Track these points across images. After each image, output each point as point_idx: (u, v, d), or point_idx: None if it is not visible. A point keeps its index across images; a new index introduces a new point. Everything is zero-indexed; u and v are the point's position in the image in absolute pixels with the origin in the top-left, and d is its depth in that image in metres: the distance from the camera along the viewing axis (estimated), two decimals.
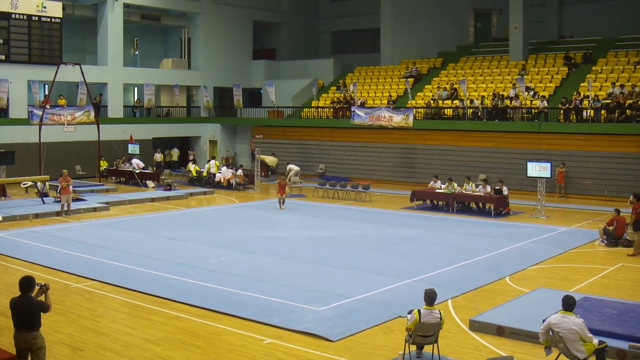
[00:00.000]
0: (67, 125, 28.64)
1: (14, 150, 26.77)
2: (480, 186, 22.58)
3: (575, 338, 7.57)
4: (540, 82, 29.95)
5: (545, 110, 27.06)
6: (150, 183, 28.80)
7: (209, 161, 30.79)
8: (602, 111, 25.58)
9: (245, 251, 15.68)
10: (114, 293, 12.16)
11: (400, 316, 10.74)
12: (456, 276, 13.40)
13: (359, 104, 32.21)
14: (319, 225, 19.38)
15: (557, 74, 30.26)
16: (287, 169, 29.50)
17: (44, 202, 22.51)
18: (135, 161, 30.39)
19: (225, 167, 29.70)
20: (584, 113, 25.97)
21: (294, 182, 27.63)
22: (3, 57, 29.48)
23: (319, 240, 17.17)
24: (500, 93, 29.29)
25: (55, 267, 13.96)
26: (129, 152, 31.53)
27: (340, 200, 25.24)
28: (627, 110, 25.03)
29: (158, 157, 33.50)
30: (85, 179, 30.39)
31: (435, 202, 23.48)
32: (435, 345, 8.51)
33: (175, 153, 37.02)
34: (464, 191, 22.54)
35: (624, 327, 9.39)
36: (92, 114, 29.44)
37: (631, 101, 25.22)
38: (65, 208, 20.79)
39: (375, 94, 34.80)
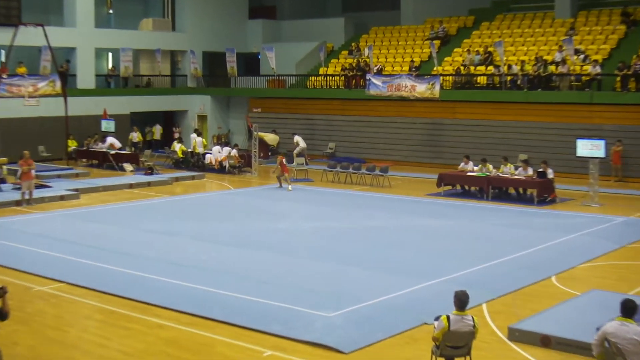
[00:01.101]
0: (28, 98, 28.60)
1: None
2: (520, 168, 22.48)
3: (636, 350, 7.48)
4: (592, 44, 29.71)
5: (598, 77, 26.86)
6: (127, 166, 28.84)
7: (194, 136, 30.60)
8: None
9: (241, 246, 15.73)
10: (85, 297, 12.16)
11: (425, 323, 10.72)
12: (492, 276, 13.42)
13: (375, 71, 32.03)
14: (328, 216, 19.46)
15: (612, 33, 29.99)
16: (295, 141, 29.44)
17: (1, 190, 22.59)
18: (110, 140, 30.39)
19: (217, 147, 29.69)
20: None
21: (298, 164, 27.70)
22: None
23: (328, 234, 17.22)
24: (544, 57, 29.12)
25: (14, 266, 13.98)
26: (103, 129, 31.55)
27: (353, 185, 25.27)
28: None
29: (134, 136, 33.48)
30: (50, 161, 30.41)
31: (466, 187, 23.48)
32: (468, 357, 8.46)
33: (157, 130, 37.11)
34: (500, 174, 22.48)
35: None
36: (58, 84, 29.36)
37: None
38: (27, 196, 20.83)
39: (395, 59, 34.61)
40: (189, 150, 30.25)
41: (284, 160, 24.62)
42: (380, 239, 16.61)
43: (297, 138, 30.32)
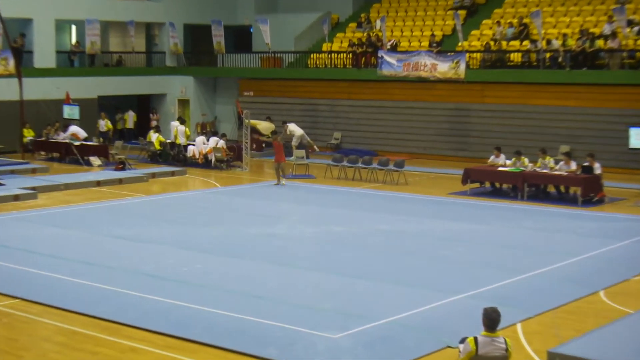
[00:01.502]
0: None
1: None
2: (562, 162, 22.48)
3: None
4: None
5: None
6: (95, 160, 28.88)
7: (175, 124, 30.59)
8: None
9: (230, 255, 15.79)
10: (43, 316, 12.14)
11: (449, 346, 10.71)
12: (528, 290, 13.44)
13: (388, 47, 32.04)
14: (333, 219, 19.50)
15: None
16: (286, 131, 29.39)
17: None
18: (73, 129, 30.44)
19: (201, 137, 29.71)
20: None
21: (298, 158, 27.73)
22: None
23: (332, 240, 17.29)
24: (591, 30, 29.13)
25: None
26: (65, 116, 31.72)
27: (362, 182, 25.34)
28: None
29: (101, 124, 33.54)
30: (2, 154, 30.44)
31: (497, 185, 23.55)
32: None
33: (130, 118, 37.15)
34: (538, 169, 22.52)
35: None
36: (11, 63, 29.40)
37: None
38: None
39: (412, 32, 34.59)
40: (168, 141, 30.34)
41: (279, 139, 24.57)
42: (395, 246, 16.65)
43: (290, 127, 30.21)
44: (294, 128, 30.20)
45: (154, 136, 30.57)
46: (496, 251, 16.21)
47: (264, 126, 32.95)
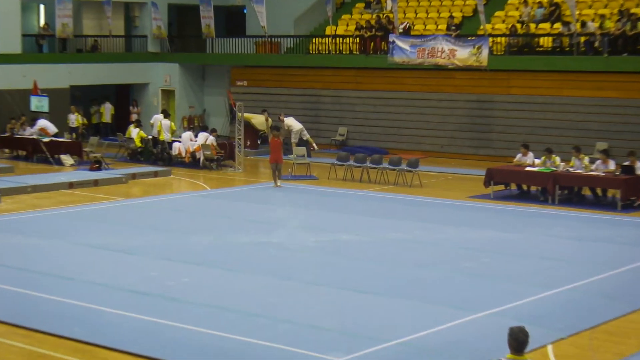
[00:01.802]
0: None
1: None
2: (599, 161, 22.52)
3: None
4: None
5: None
6: (67, 159, 28.97)
7: (158, 117, 30.70)
8: None
9: (221, 267, 15.81)
10: (7, 337, 11.99)
11: None
12: (560, 307, 13.42)
13: (400, 30, 32.08)
14: (337, 226, 19.58)
15: None
16: (284, 125, 29.31)
17: None
18: (41, 123, 30.51)
19: (188, 133, 29.78)
20: None
21: (299, 156, 27.71)
22: None
23: (338, 250, 17.33)
24: (632, 11, 29.06)
25: None
26: (32, 109, 31.79)
27: (371, 184, 25.48)
28: None
29: (71, 119, 33.51)
30: None
31: (524, 187, 23.62)
32: None
33: (107, 110, 37.38)
34: (571, 169, 22.54)
35: None
36: None
37: None
38: None
39: (428, 14, 34.57)
40: (151, 137, 30.36)
41: (278, 135, 24.57)
42: (409, 258, 16.65)
43: (287, 121, 30.18)
44: (292, 122, 30.16)
45: (134, 131, 30.60)
46: (524, 263, 16.18)
47: (260, 120, 32.99)
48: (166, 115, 30.71)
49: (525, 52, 30.26)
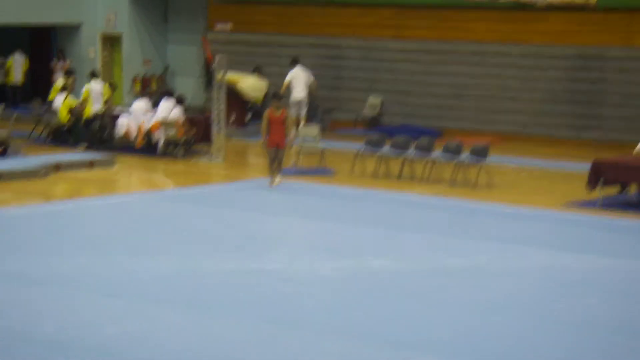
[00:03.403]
0: None
1: None
2: None
3: None
4: None
5: None
6: None
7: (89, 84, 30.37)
8: None
9: (188, 307, 15.28)
10: None
11: None
12: None
13: None
14: (364, 246, 19.49)
15: None
16: (287, 83, 29.21)
17: None
18: None
19: (140, 102, 29.52)
20: None
21: (307, 138, 27.33)
22: None
23: (364, 283, 16.99)
24: None
25: None
26: None
27: (416, 183, 25.56)
28: None
29: None
30: None
31: None
32: None
33: (17, 66, 37.17)
34: None
35: None
36: None
37: None
38: None
39: None
40: (93, 108, 30.09)
41: (280, 108, 24.20)
42: (472, 296, 16.24)
43: (293, 74, 30.11)
44: (297, 77, 30.14)
45: (59, 99, 30.42)
46: None
47: (250, 84, 32.98)
48: (94, 75, 30.47)
49: None
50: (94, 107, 29.50)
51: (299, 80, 30.53)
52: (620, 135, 28.36)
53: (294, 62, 31.52)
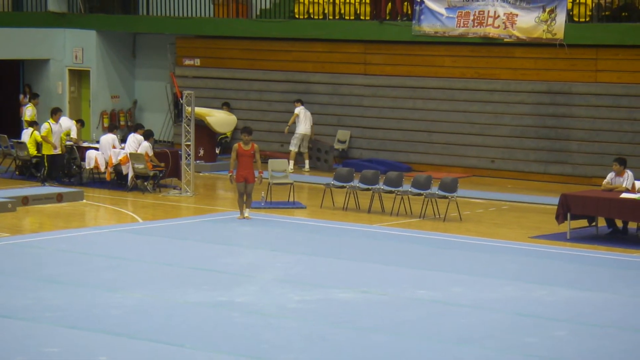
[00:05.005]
0: None
1: None
2: None
3: None
4: None
5: None
6: None
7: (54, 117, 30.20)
8: None
9: (156, 341, 15.30)
10: None
11: None
12: None
13: None
14: (334, 278, 19.52)
15: None
16: (296, 114, 29.17)
17: None
18: None
19: (108, 136, 29.45)
20: None
21: (276, 173, 27.21)
22: None
23: (333, 315, 17.04)
24: None
25: None
26: None
27: (385, 217, 25.78)
28: None
29: None
30: None
31: (619, 223, 23.39)
32: None
33: None
34: None
35: None
36: None
37: None
38: None
39: None
40: (66, 141, 30.14)
41: (249, 143, 24.16)
42: (442, 329, 16.25)
43: (301, 110, 30.45)
44: (302, 113, 30.35)
45: (26, 133, 30.58)
46: (618, 338, 15.80)
47: (219, 119, 32.92)
48: (55, 112, 30.22)
49: (622, 19, 30.09)
50: (53, 141, 28.82)
51: (306, 116, 30.49)
52: (587, 170, 28.40)
53: (299, 101, 31.41)
